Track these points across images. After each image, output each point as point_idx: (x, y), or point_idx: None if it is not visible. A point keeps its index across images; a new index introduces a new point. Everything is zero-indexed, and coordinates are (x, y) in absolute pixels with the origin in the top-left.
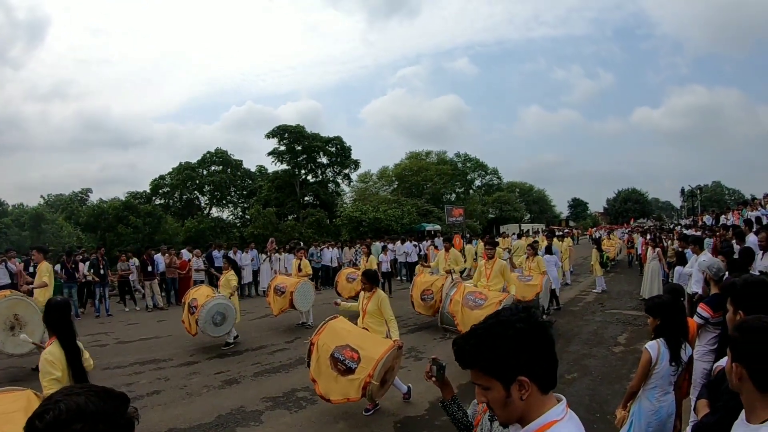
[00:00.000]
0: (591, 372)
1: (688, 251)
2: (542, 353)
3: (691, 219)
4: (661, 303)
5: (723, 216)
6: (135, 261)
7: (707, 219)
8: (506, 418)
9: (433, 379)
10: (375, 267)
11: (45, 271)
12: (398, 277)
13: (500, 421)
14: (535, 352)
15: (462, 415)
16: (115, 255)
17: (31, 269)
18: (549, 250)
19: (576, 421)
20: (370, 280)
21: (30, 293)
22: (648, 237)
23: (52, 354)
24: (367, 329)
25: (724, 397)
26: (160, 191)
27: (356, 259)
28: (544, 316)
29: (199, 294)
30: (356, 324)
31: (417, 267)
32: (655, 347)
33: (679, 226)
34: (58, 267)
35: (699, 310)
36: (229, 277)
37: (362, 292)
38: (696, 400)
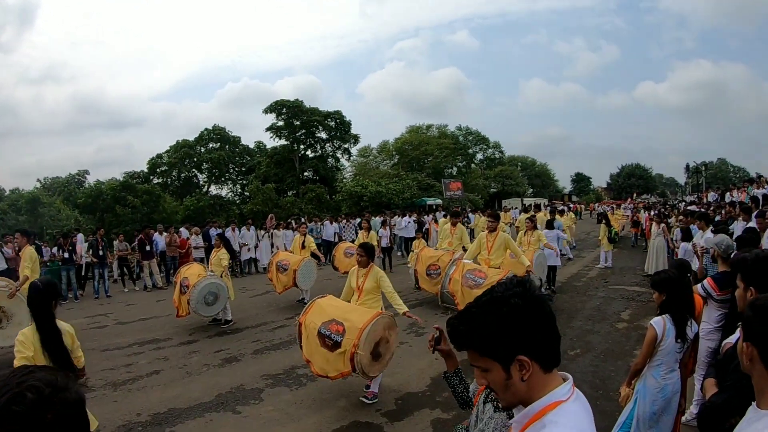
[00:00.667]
0: (594, 348)
1: (693, 227)
2: (541, 329)
3: (695, 196)
4: (668, 278)
5: (728, 193)
6: (125, 244)
7: (712, 196)
8: (509, 401)
9: (433, 348)
10: (375, 243)
11: (29, 259)
12: (398, 252)
13: (503, 404)
14: (533, 329)
15: (463, 389)
16: (112, 237)
17: None
18: (550, 225)
19: (582, 402)
20: (368, 253)
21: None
22: (652, 213)
23: (24, 335)
24: None
25: (734, 376)
26: (158, 170)
27: (342, 234)
28: (542, 290)
29: (191, 273)
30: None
31: (414, 242)
32: (660, 323)
33: (683, 203)
34: (55, 249)
35: (705, 283)
36: (220, 256)
37: (355, 269)
38: (703, 379)
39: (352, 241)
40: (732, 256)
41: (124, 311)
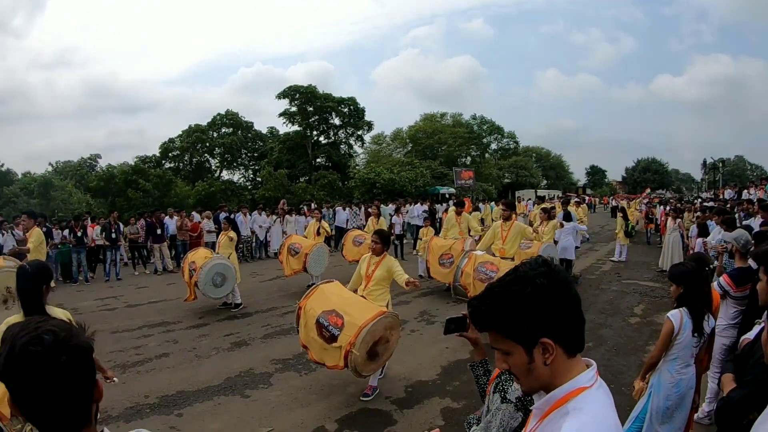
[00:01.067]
0: (606, 342)
1: (711, 222)
2: (566, 311)
3: (711, 192)
4: (686, 270)
5: (745, 191)
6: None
7: (728, 193)
8: (530, 386)
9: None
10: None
11: (36, 239)
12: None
13: (524, 389)
14: (558, 311)
15: (486, 381)
16: (125, 220)
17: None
18: (568, 218)
19: (605, 390)
20: (383, 240)
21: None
22: (668, 208)
23: (9, 324)
24: (364, 298)
25: (754, 371)
26: (170, 155)
27: (353, 221)
28: None
29: (198, 256)
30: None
31: (421, 230)
32: (677, 316)
33: (699, 200)
34: (66, 232)
35: (721, 280)
36: (230, 234)
37: (367, 256)
38: (720, 374)
39: (358, 227)
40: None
41: (134, 294)
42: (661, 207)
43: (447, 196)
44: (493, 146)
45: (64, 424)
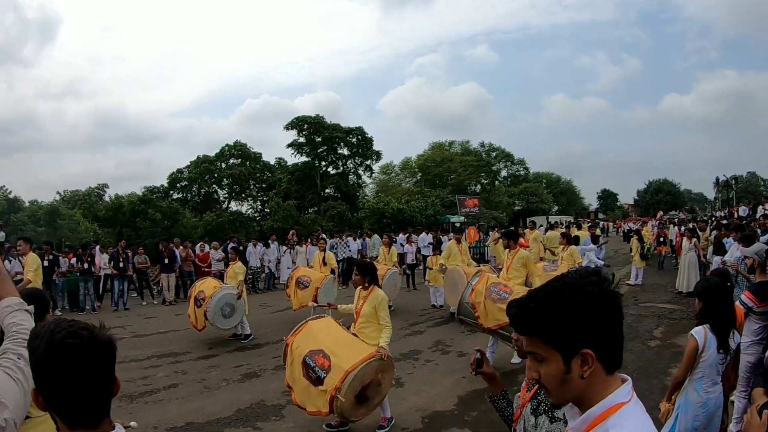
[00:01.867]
0: (627, 366)
1: (729, 240)
2: (612, 324)
3: (725, 211)
4: (708, 286)
5: (760, 207)
6: (144, 257)
7: (742, 210)
8: (561, 398)
9: (474, 371)
10: (395, 260)
11: (32, 264)
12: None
13: (553, 401)
14: (604, 323)
15: (511, 412)
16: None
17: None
18: (576, 241)
19: (641, 406)
20: (363, 272)
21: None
22: (683, 228)
23: None
24: (356, 335)
25: None
26: (178, 185)
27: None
28: None
29: (206, 286)
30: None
31: (429, 259)
32: (701, 333)
33: (714, 218)
34: (74, 260)
35: (743, 297)
36: (236, 270)
37: (359, 290)
38: (750, 389)
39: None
40: None
41: (142, 324)
42: (676, 228)
43: (458, 225)
44: (504, 173)
45: (87, 413)
